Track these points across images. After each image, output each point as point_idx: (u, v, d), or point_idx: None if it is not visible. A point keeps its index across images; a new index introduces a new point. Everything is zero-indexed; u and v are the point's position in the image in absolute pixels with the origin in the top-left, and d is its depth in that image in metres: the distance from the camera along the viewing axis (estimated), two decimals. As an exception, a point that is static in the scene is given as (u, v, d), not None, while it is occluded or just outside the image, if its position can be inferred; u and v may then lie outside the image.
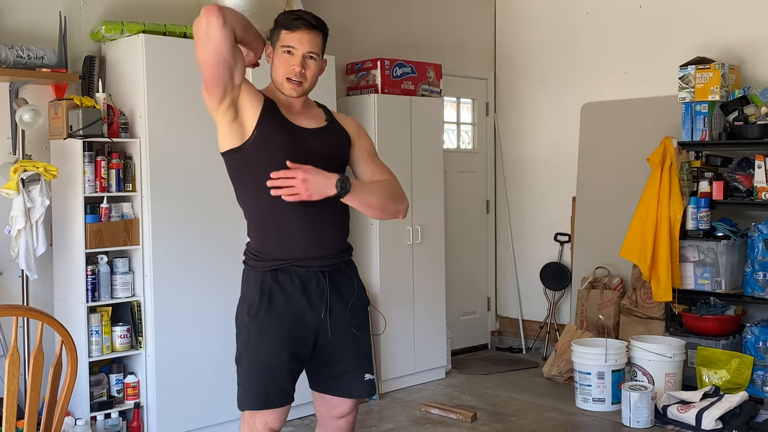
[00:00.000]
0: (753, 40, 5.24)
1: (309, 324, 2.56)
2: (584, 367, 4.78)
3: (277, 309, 2.53)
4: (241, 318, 2.60)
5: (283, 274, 2.54)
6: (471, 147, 6.59)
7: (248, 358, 2.55)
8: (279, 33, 2.58)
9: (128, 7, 4.35)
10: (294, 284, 2.54)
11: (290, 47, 2.54)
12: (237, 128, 2.53)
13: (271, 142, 2.52)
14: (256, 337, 2.54)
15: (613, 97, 5.92)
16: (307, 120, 2.64)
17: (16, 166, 3.76)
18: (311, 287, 2.56)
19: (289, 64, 2.54)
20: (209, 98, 2.49)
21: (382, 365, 5.16)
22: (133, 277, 4.08)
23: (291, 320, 2.53)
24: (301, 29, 2.53)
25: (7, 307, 2.31)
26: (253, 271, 2.59)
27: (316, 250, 2.55)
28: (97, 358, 3.96)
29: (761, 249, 4.77)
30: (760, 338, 4.72)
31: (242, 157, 2.54)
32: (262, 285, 2.55)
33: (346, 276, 2.65)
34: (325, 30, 2.62)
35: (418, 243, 5.40)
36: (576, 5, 6.15)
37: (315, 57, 2.57)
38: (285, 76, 2.55)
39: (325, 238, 2.57)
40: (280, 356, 2.52)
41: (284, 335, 2.52)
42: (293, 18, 2.55)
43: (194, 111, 3.91)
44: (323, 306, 2.56)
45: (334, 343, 2.60)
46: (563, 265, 6.22)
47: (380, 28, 5.78)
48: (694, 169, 5.11)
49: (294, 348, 2.55)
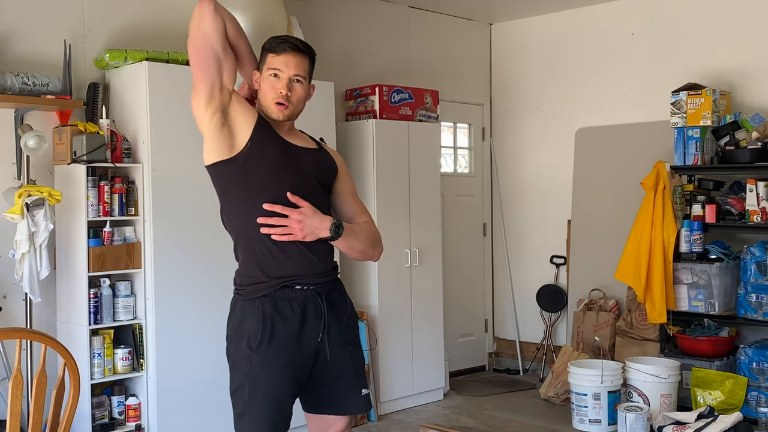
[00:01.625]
0: (743, 66, 5.34)
1: (307, 348, 2.54)
2: (581, 389, 4.83)
3: (278, 339, 2.50)
4: (240, 349, 2.53)
5: (282, 301, 2.51)
6: (468, 171, 6.68)
7: (252, 390, 2.50)
8: (266, 57, 2.58)
9: (132, 35, 4.44)
10: (293, 311, 2.52)
11: (276, 70, 2.54)
12: (226, 137, 2.50)
13: (265, 155, 2.50)
14: (259, 368, 2.49)
15: (606, 122, 6.02)
16: (297, 141, 2.64)
17: (21, 190, 3.81)
18: (309, 311, 2.54)
19: (275, 87, 2.53)
20: (196, 101, 2.48)
21: (381, 386, 5.20)
22: (134, 300, 4.13)
23: (292, 348, 2.51)
24: (287, 52, 2.54)
25: (10, 330, 2.35)
26: (249, 300, 2.54)
27: (311, 268, 2.54)
28: (99, 380, 4.01)
29: (754, 271, 4.83)
30: (753, 359, 4.77)
31: (233, 171, 2.52)
32: (263, 315, 2.51)
33: (339, 294, 2.67)
34: (312, 54, 2.62)
35: (416, 265, 5.46)
36: (570, 33, 6.26)
37: (301, 80, 2.57)
38: (272, 100, 2.54)
39: (318, 255, 2.56)
40: (285, 386, 2.51)
41: (286, 364, 2.50)
42: (279, 42, 2.56)
43: (196, 137, 3.95)
44: (320, 328, 2.55)
45: (332, 362, 2.59)
46: (559, 288, 6.28)
47: (379, 56, 5.88)
48: (687, 192, 5.19)
49: (296, 374, 2.54)
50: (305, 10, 5.31)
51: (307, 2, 5.39)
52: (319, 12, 5.46)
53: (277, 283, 2.52)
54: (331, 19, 5.55)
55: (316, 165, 2.63)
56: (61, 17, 4.21)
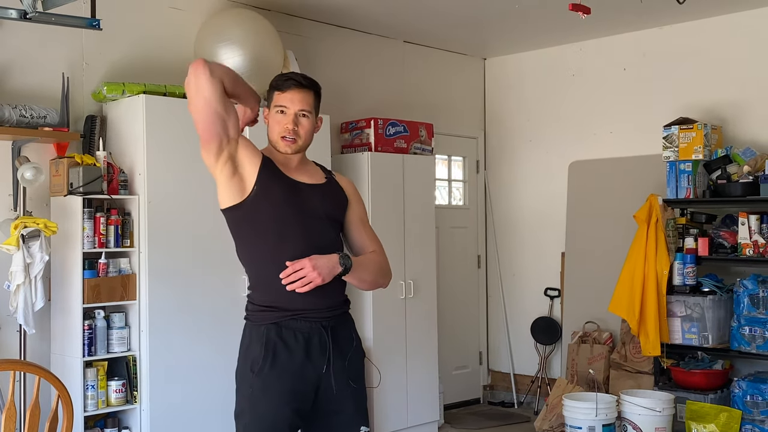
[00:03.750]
0: (734, 101, 5.41)
1: (309, 379, 2.57)
2: (575, 422, 4.82)
3: (279, 365, 2.54)
4: (244, 373, 2.59)
5: (287, 330, 2.56)
6: (462, 203, 6.71)
7: (250, 414, 2.55)
8: (273, 95, 2.68)
9: (129, 68, 4.49)
10: (297, 341, 2.56)
11: (283, 107, 2.64)
12: (237, 183, 2.59)
13: (272, 194, 2.58)
14: (259, 392, 2.54)
15: (599, 156, 6.08)
16: (305, 176, 2.71)
17: (17, 222, 3.83)
18: (313, 343, 2.58)
19: (282, 123, 2.63)
20: (206, 154, 2.56)
21: (376, 419, 5.18)
22: (129, 331, 4.12)
23: (292, 376, 2.54)
24: (292, 89, 2.64)
25: (4, 362, 2.35)
26: (257, 326, 2.59)
27: (320, 301, 2.59)
28: (92, 412, 3.99)
29: (747, 304, 4.86)
30: (747, 392, 4.78)
31: (243, 212, 2.60)
32: (267, 341, 2.56)
33: (346, 330, 2.69)
34: (317, 89, 2.71)
35: (411, 297, 5.47)
36: (562, 68, 6.34)
37: (307, 114, 2.66)
38: (280, 135, 2.64)
39: (328, 289, 2.60)
40: (283, 412, 2.53)
41: (286, 391, 2.53)
42: (284, 79, 2.67)
43: (192, 169, 4.02)
44: (324, 361, 2.58)
45: (333, 396, 2.60)
46: (553, 320, 6.29)
47: (374, 89, 5.94)
48: (680, 225, 5.22)
49: (296, 403, 2.56)
50: (301, 45, 5.38)
51: (304, 37, 5.45)
52: (315, 46, 5.53)
53: (284, 314, 2.58)
54: (327, 53, 5.61)
55: (325, 201, 2.69)
56: (59, 50, 4.26)
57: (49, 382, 2.29)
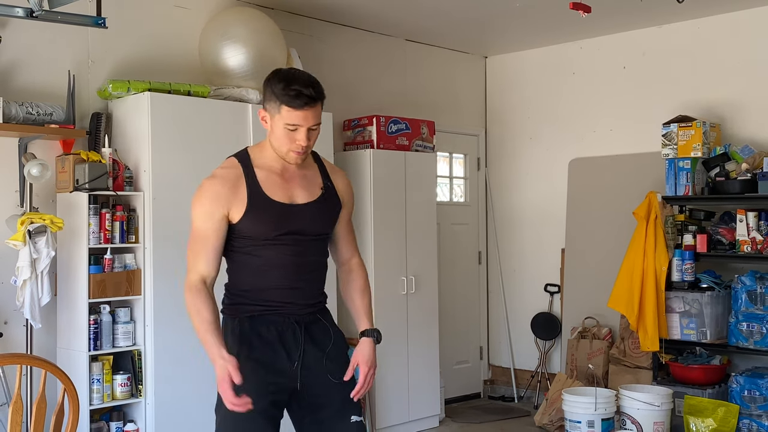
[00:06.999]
0: (733, 99, 5.45)
1: (283, 372, 2.58)
2: (575, 416, 4.87)
3: (253, 357, 2.56)
4: None
5: (261, 323, 2.59)
6: (463, 200, 6.76)
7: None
8: (279, 107, 2.51)
9: (134, 66, 4.54)
10: (270, 333, 2.58)
11: (296, 125, 2.51)
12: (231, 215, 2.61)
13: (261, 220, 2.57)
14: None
15: (599, 153, 6.12)
16: (300, 188, 2.66)
17: (24, 218, 3.88)
18: (287, 337, 2.59)
19: (294, 140, 2.53)
20: None
21: (377, 414, 5.23)
22: (134, 326, 4.18)
23: (266, 368, 2.56)
24: (305, 108, 2.49)
25: (11, 356, 2.38)
26: (231, 318, 2.62)
27: (296, 296, 2.62)
28: (97, 406, 4.04)
29: (744, 300, 4.90)
30: (745, 387, 4.82)
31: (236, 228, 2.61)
32: (241, 334, 2.58)
33: (323, 325, 2.70)
34: (324, 97, 2.60)
35: (412, 293, 5.52)
36: (563, 66, 6.38)
37: (317, 126, 2.58)
38: (290, 149, 2.56)
39: (303, 286, 2.63)
40: (258, 404, 2.51)
41: (261, 383, 2.54)
42: (293, 95, 2.48)
43: (196, 165, 4.06)
44: (296, 355, 2.59)
45: (317, 390, 2.62)
46: (553, 315, 6.34)
47: (376, 87, 5.98)
48: (679, 222, 5.27)
49: (272, 396, 2.58)
50: (304, 43, 5.42)
51: (306, 35, 5.50)
52: (317, 44, 5.57)
53: (259, 309, 2.60)
54: (330, 51, 5.65)
55: (315, 222, 2.65)
56: (65, 48, 4.30)
57: (55, 375, 2.31)
